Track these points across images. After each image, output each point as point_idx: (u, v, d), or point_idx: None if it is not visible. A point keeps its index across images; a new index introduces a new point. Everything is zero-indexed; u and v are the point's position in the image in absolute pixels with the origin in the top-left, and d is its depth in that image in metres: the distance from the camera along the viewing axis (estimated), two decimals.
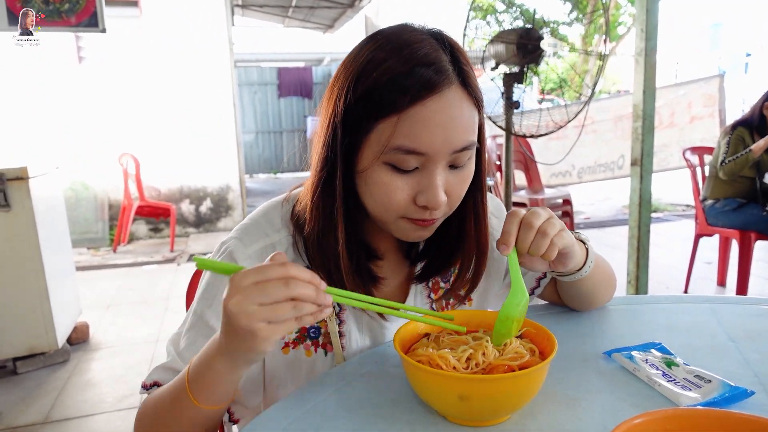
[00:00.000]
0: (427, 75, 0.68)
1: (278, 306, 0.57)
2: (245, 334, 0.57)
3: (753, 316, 0.92)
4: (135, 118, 5.60)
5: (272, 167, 11.39)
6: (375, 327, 0.85)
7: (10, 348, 2.63)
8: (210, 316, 0.78)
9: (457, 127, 0.70)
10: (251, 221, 0.84)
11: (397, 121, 0.68)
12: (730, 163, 3.10)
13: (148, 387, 0.77)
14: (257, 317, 0.56)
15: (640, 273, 2.76)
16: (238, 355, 0.62)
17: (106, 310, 3.59)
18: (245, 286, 0.57)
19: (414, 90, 0.67)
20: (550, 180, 5.87)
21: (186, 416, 0.69)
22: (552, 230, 0.71)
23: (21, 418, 2.27)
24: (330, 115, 0.74)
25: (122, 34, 5.36)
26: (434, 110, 0.68)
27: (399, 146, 0.69)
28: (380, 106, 0.69)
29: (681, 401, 0.65)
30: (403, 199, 0.72)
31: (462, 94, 0.70)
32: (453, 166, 0.73)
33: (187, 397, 0.67)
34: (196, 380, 0.67)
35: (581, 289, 0.88)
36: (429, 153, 0.69)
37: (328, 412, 0.67)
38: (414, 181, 0.72)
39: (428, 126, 0.68)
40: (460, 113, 0.70)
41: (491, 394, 0.60)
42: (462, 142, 0.71)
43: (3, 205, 2.51)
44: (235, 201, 6.12)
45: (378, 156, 0.70)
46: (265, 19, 9.49)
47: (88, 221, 5.53)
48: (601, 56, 2.96)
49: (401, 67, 0.68)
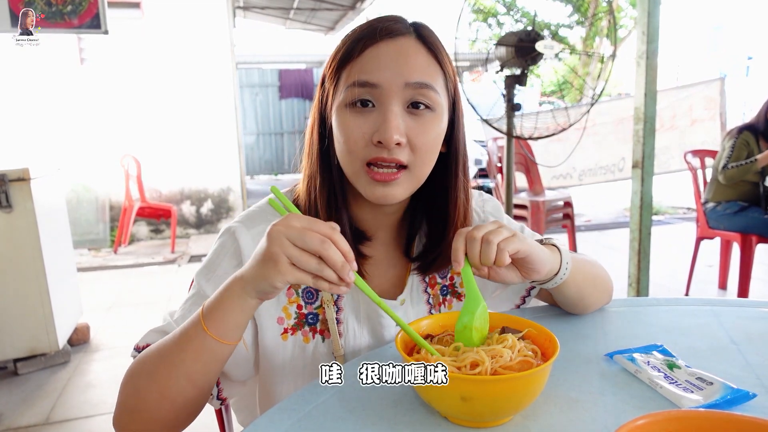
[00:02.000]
0: (383, 25, 0.76)
1: (305, 254, 0.61)
2: (268, 259, 0.62)
3: (754, 318, 0.92)
4: (136, 120, 5.61)
5: (273, 169, 11.40)
6: (373, 316, 0.87)
7: (11, 349, 2.63)
8: (207, 288, 0.80)
9: (409, 63, 0.75)
10: (257, 208, 0.87)
11: (354, 64, 0.76)
12: (733, 170, 3.09)
13: (141, 349, 0.77)
14: (285, 251, 0.61)
15: (641, 276, 2.76)
16: (253, 279, 0.64)
17: (107, 312, 3.59)
18: (291, 224, 0.62)
19: (368, 37, 0.76)
20: (551, 182, 5.86)
21: (191, 350, 0.68)
22: (496, 237, 0.70)
23: (22, 420, 2.27)
24: (317, 100, 0.83)
25: (124, 36, 5.38)
26: (387, 49, 0.75)
27: (354, 81, 0.74)
28: (343, 58, 0.77)
29: (683, 403, 0.65)
30: (361, 137, 0.75)
31: (418, 45, 0.77)
32: (412, 107, 0.76)
33: (197, 326, 0.67)
34: (210, 308, 0.67)
35: (568, 294, 0.87)
36: (381, 84, 0.74)
37: (329, 413, 0.67)
38: (371, 119, 0.75)
39: (379, 59, 0.75)
40: (415, 54, 0.76)
41: (493, 396, 0.60)
42: (415, 77, 0.74)
43: (5, 206, 2.52)
44: (236, 202, 6.13)
45: (340, 101, 0.76)
46: (266, 21, 9.51)
47: (90, 222, 5.53)
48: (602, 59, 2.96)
49: (364, 28, 0.78)
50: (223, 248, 0.83)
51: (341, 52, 0.78)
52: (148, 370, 0.70)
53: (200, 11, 5.62)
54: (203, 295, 0.79)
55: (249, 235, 0.81)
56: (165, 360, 0.69)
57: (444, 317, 0.77)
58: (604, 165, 6.20)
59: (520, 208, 4.20)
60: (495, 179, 4.55)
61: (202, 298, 0.77)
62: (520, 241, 0.71)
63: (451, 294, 0.92)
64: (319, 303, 0.84)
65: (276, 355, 0.83)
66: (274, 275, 0.62)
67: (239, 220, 0.84)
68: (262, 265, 0.63)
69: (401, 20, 0.79)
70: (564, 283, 0.82)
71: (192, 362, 0.68)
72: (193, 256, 5.08)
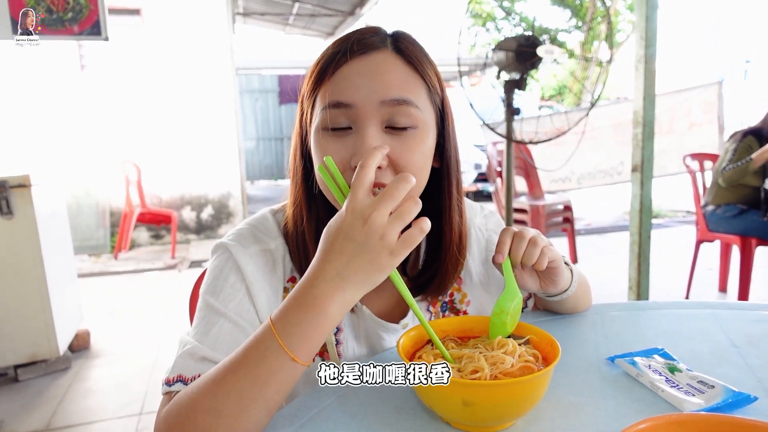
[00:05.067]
0: (356, 39, 0.72)
1: (403, 208, 0.59)
2: (381, 250, 0.58)
3: (755, 321, 0.93)
4: (136, 126, 5.62)
5: (273, 174, 11.42)
6: (372, 336, 0.85)
7: (12, 355, 2.63)
8: (219, 305, 0.75)
9: (384, 79, 0.70)
10: (247, 226, 0.84)
11: (328, 85, 0.72)
12: (730, 171, 3.10)
13: (172, 382, 0.69)
14: (393, 228, 0.58)
15: (642, 279, 2.76)
16: (365, 282, 0.60)
17: (108, 317, 3.58)
18: (373, 201, 0.59)
19: (342, 53, 0.71)
20: (550, 186, 5.87)
21: (274, 382, 0.60)
22: (541, 242, 0.77)
23: (22, 426, 2.26)
24: (298, 115, 0.80)
25: (124, 43, 5.40)
26: (360, 66, 0.71)
27: (329, 102, 0.71)
28: (317, 79, 0.74)
29: (684, 407, 0.65)
30: (339, 163, 0.69)
31: (395, 58, 0.73)
32: (392, 128, 0.72)
33: (279, 357, 0.59)
34: (298, 335, 0.60)
35: (565, 306, 0.94)
36: (355, 104, 0.70)
37: (331, 419, 0.67)
38: (349, 143, 0.71)
39: (352, 78, 0.70)
40: (390, 69, 0.71)
41: (495, 400, 0.60)
42: (390, 95, 0.70)
43: (5, 213, 2.52)
44: (236, 208, 6.13)
45: (316, 123, 0.73)
46: (266, 27, 9.54)
47: (90, 228, 5.53)
48: (601, 63, 2.97)
49: (337, 46, 0.73)
50: (224, 264, 0.79)
51: (316, 70, 0.74)
52: (212, 407, 0.61)
53: (200, 17, 5.64)
54: (216, 310, 0.75)
55: (246, 253, 0.79)
56: (237, 395, 0.60)
57: (446, 322, 0.77)
58: (603, 169, 6.21)
59: (520, 212, 4.20)
60: (495, 183, 4.56)
61: (216, 313, 0.75)
62: (556, 251, 0.80)
63: (450, 310, 0.92)
64: None
65: None
66: (390, 260, 0.59)
67: (232, 239, 0.81)
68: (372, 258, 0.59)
69: (378, 32, 0.75)
70: (567, 298, 0.88)
71: (274, 393, 0.61)
72: (193, 262, 5.08)
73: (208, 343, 0.72)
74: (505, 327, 0.73)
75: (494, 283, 0.95)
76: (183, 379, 0.70)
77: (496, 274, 0.94)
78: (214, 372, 0.63)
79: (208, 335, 0.73)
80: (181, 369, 0.70)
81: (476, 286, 0.93)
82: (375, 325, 0.85)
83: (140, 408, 2.39)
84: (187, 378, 0.69)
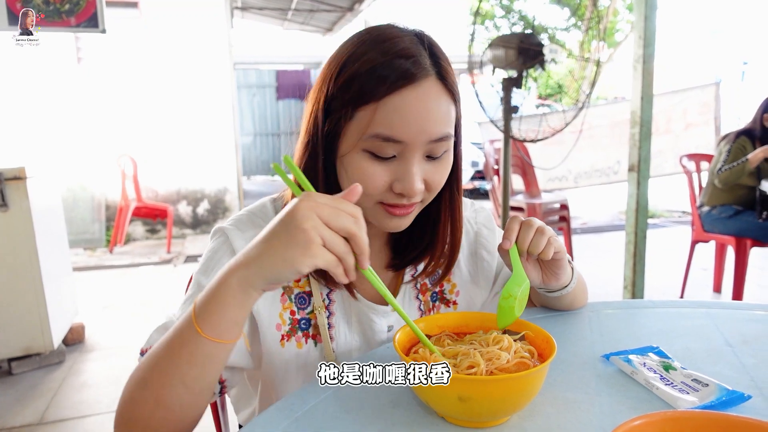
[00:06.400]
0: (405, 66, 0.71)
1: (336, 236, 0.59)
2: (298, 240, 0.58)
3: (750, 321, 0.93)
4: (133, 120, 5.60)
5: (270, 170, 11.40)
6: (364, 320, 0.87)
7: (6, 348, 2.62)
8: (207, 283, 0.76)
9: (433, 117, 0.72)
10: (246, 213, 0.86)
11: (375, 109, 0.71)
12: (726, 172, 3.11)
13: (145, 353, 0.73)
14: (319, 231, 0.58)
15: (637, 278, 2.78)
16: (266, 266, 0.60)
17: (102, 312, 3.58)
18: (321, 202, 0.59)
19: (392, 80, 0.70)
20: (546, 184, 5.88)
21: (185, 354, 0.63)
22: (548, 232, 0.81)
23: (16, 419, 2.26)
24: (314, 103, 0.78)
25: (122, 35, 5.37)
26: (411, 100, 0.71)
27: (377, 134, 0.71)
28: (360, 94, 0.72)
29: (678, 404, 0.65)
30: (381, 185, 0.74)
31: (439, 87, 0.73)
32: (430, 157, 0.76)
33: (190, 327, 0.62)
34: (204, 307, 0.63)
35: (563, 302, 0.95)
36: (406, 141, 0.72)
37: (327, 412, 0.67)
38: (391, 168, 0.74)
39: (405, 116, 0.71)
40: (437, 105, 0.73)
41: (491, 396, 0.60)
42: (438, 133, 0.73)
43: (1, 205, 2.51)
44: (232, 203, 6.12)
45: (357, 143, 0.73)
46: (264, 22, 9.50)
47: (85, 222, 5.52)
48: (598, 62, 2.98)
49: (380, 59, 0.71)
50: (219, 247, 0.82)
51: (356, 81, 0.72)
52: (142, 377, 0.67)
53: (198, 11, 5.61)
54: (203, 287, 0.75)
55: (243, 237, 0.81)
56: (158, 366, 0.65)
57: (442, 317, 0.77)
58: (599, 168, 6.23)
59: (517, 210, 4.21)
60: (491, 181, 4.56)
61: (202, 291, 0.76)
62: (561, 244, 0.82)
63: (440, 300, 0.94)
64: (311, 308, 0.85)
65: (275, 360, 0.84)
66: (302, 258, 0.58)
67: (230, 224, 0.84)
68: (285, 247, 0.58)
69: (420, 54, 0.73)
70: (566, 293, 0.91)
71: (187, 367, 0.63)
72: (189, 257, 5.07)
73: None
74: (513, 311, 0.74)
75: (483, 277, 0.97)
76: None
77: (485, 266, 0.96)
78: (152, 350, 0.68)
79: None
80: (154, 341, 0.75)
81: (465, 278, 0.95)
82: (366, 308, 0.86)
83: None
84: None
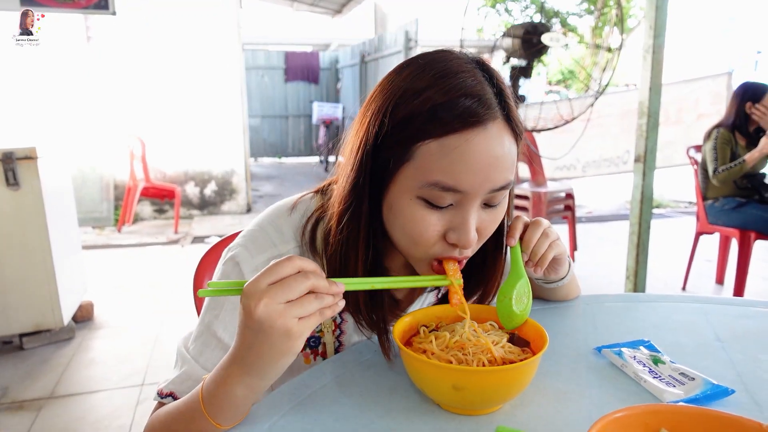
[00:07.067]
0: (472, 107, 0.64)
1: (304, 300, 0.57)
2: (279, 336, 0.56)
3: (742, 317, 0.95)
4: (142, 100, 5.62)
5: (277, 152, 11.41)
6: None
7: (17, 324, 2.69)
8: (217, 327, 0.76)
9: (498, 166, 0.67)
10: (259, 228, 0.80)
11: (436, 154, 0.65)
12: (724, 173, 3.12)
13: (164, 396, 0.75)
14: (288, 314, 0.56)
15: (639, 269, 2.79)
16: (266, 365, 0.59)
17: (111, 290, 3.64)
18: (264, 289, 0.56)
19: (456, 122, 0.64)
20: (554, 173, 5.87)
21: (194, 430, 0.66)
22: (552, 235, 0.83)
23: (27, 393, 2.33)
24: (362, 138, 0.71)
25: (131, 15, 5.36)
26: (477, 147, 0.64)
27: (437, 182, 0.65)
28: (418, 135, 0.65)
29: (665, 397, 0.68)
30: (434, 235, 0.69)
31: (505, 128, 0.68)
32: (487, 205, 0.71)
33: (202, 416, 0.63)
34: (214, 404, 0.63)
35: (558, 293, 0.99)
36: (467, 191, 0.67)
37: (328, 397, 0.71)
38: (447, 217, 0.69)
39: (470, 164, 0.65)
40: (503, 151, 0.67)
41: (484, 385, 0.63)
42: (501, 182, 0.68)
43: (12, 184, 2.55)
44: (239, 185, 6.15)
45: (413, 189, 0.68)
46: (273, 2, 9.43)
47: (94, 201, 5.57)
48: (611, 50, 2.95)
49: (442, 97, 0.65)
50: (229, 274, 0.78)
51: (414, 121, 0.65)
52: None
53: None
54: (213, 333, 0.77)
55: (252, 264, 0.76)
56: None
57: (441, 309, 0.80)
58: (608, 157, 6.20)
59: (522, 198, 4.21)
60: None
61: (212, 337, 0.76)
62: (563, 246, 0.86)
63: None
64: (320, 327, 0.84)
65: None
66: (293, 343, 0.57)
67: (242, 244, 0.79)
68: (274, 345, 0.57)
69: (485, 92, 0.66)
70: (562, 286, 0.95)
71: None
72: (196, 237, 5.13)
73: (202, 362, 0.76)
74: (511, 311, 0.75)
75: None
76: (174, 397, 0.75)
77: None
78: (166, 411, 0.70)
79: (203, 354, 0.77)
80: (174, 387, 0.75)
81: None
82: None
83: (142, 379, 2.45)
84: (178, 398, 0.74)
